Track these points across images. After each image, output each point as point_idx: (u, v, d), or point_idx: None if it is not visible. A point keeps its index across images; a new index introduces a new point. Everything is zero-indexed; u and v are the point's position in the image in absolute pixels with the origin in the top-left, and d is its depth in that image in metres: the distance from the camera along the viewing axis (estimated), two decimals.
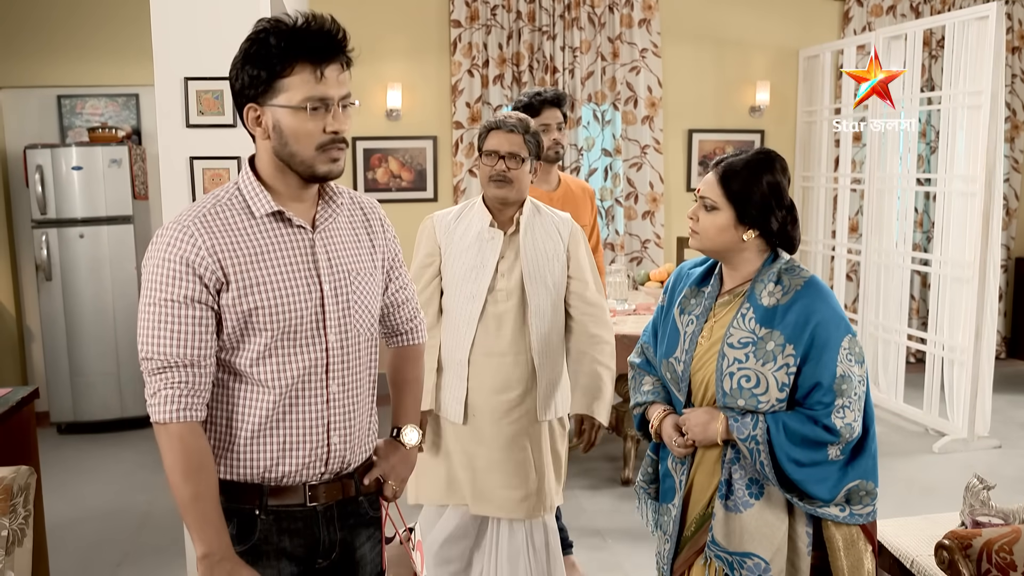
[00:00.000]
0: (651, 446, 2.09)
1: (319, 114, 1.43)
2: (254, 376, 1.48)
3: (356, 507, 1.63)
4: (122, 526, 3.82)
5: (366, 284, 1.60)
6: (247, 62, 1.44)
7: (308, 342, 1.50)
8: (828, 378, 1.76)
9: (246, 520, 1.51)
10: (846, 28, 6.04)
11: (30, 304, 5.36)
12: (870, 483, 1.82)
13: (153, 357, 1.42)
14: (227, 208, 1.48)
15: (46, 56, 5.22)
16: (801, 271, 1.87)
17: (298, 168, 1.47)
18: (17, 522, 2.28)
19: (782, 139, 6.14)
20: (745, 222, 1.84)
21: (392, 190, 5.66)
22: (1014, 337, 6.59)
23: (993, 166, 4.55)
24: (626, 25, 5.73)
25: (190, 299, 1.41)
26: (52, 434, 5.10)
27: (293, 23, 1.42)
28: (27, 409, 2.91)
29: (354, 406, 1.58)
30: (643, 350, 2.11)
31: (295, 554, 1.55)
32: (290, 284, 1.48)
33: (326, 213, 1.56)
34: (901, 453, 4.67)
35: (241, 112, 1.48)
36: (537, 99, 3.09)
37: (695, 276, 2.00)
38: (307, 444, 1.52)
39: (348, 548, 1.62)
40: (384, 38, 5.51)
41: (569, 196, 3.21)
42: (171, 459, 1.43)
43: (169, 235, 1.43)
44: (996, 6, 4.44)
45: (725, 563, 1.85)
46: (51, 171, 4.93)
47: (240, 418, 1.49)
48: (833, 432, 1.75)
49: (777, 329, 1.79)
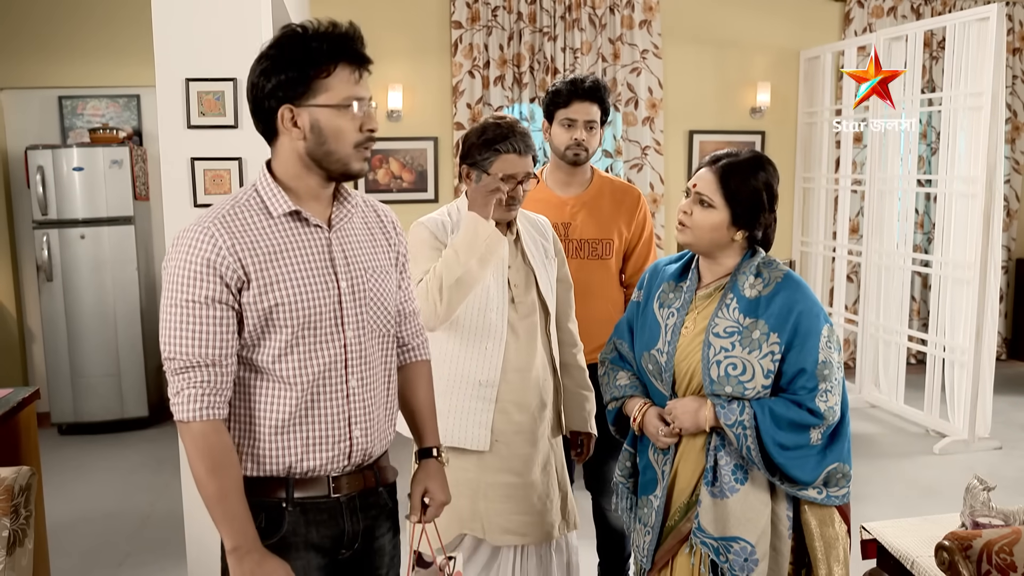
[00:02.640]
0: (628, 440, 2.12)
1: (357, 113, 1.50)
2: (276, 373, 1.51)
3: (376, 498, 1.67)
4: (123, 527, 3.82)
5: (382, 281, 1.64)
6: (282, 64, 1.47)
7: (327, 338, 1.55)
8: (811, 364, 1.82)
9: (274, 513, 1.55)
10: (847, 29, 6.04)
11: (31, 305, 5.37)
12: (845, 465, 1.89)
13: (176, 357, 1.46)
14: (245, 209, 1.52)
15: (47, 57, 5.23)
16: (778, 265, 1.94)
17: (333, 166, 1.52)
18: (18, 523, 2.28)
19: (783, 140, 6.14)
20: (738, 224, 1.89)
21: (393, 191, 5.67)
22: (1015, 338, 6.60)
23: (994, 167, 4.55)
24: (627, 26, 5.74)
25: (212, 299, 1.45)
26: (53, 435, 5.11)
27: (329, 27, 1.48)
28: (28, 410, 2.91)
29: (373, 399, 1.63)
30: (616, 346, 2.14)
31: (322, 545, 1.59)
32: (309, 281, 1.52)
33: (341, 213, 1.61)
34: (902, 454, 4.67)
35: (263, 114, 1.51)
36: (569, 88, 2.66)
37: (672, 272, 2.06)
38: (330, 439, 1.56)
39: (369, 538, 1.66)
40: (385, 39, 5.51)
41: (595, 204, 2.75)
42: (196, 456, 1.46)
43: (190, 238, 1.47)
44: (997, 7, 4.44)
45: (711, 549, 1.88)
46: (52, 172, 4.94)
47: (264, 415, 1.53)
48: (817, 415, 1.81)
49: (762, 319, 1.85)
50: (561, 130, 2.66)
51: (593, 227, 2.71)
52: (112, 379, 5.12)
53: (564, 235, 2.69)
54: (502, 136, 2.18)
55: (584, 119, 2.64)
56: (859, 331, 5.63)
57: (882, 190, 5.37)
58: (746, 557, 1.85)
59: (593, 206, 2.73)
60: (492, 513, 2.25)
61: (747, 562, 1.85)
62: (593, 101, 2.64)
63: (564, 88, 2.65)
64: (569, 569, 2.44)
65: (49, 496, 3.60)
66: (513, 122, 2.22)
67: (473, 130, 2.25)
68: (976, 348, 4.63)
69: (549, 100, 2.69)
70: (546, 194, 2.74)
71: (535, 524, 2.28)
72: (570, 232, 2.71)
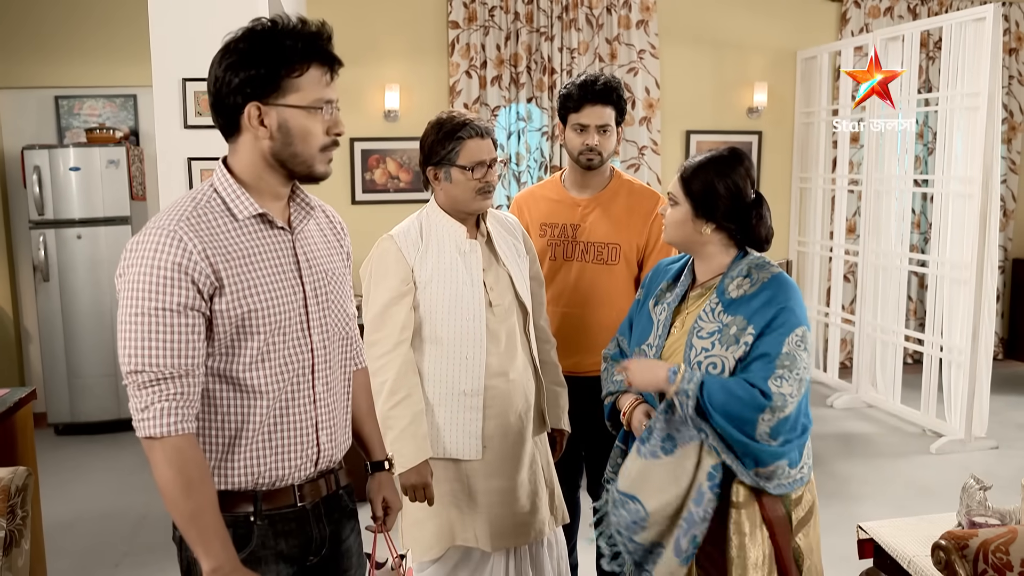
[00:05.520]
0: (619, 436, 2.13)
1: (325, 116, 1.46)
2: (249, 382, 1.46)
3: (339, 501, 1.66)
4: (119, 527, 3.81)
5: (340, 284, 1.63)
6: (251, 59, 1.41)
7: (296, 344, 1.51)
8: (775, 351, 1.81)
9: (243, 527, 1.50)
10: (843, 29, 6.04)
11: (27, 305, 5.36)
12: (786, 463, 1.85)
13: (144, 370, 1.36)
14: (208, 210, 1.45)
15: (44, 57, 5.22)
16: (770, 266, 1.94)
17: (298, 168, 1.47)
18: (15, 523, 2.28)
19: (780, 140, 6.15)
20: (701, 215, 1.93)
21: (390, 191, 5.66)
22: (1011, 338, 6.61)
23: (990, 167, 4.56)
24: (624, 26, 5.74)
25: (185, 307, 1.37)
26: (49, 435, 5.10)
27: (299, 25, 1.43)
28: (24, 410, 2.91)
29: (336, 404, 1.61)
30: (619, 343, 2.19)
31: (291, 555, 1.56)
32: (277, 285, 1.48)
33: (300, 214, 1.57)
34: (898, 454, 4.68)
35: (225, 110, 1.44)
36: (580, 92, 2.51)
37: (672, 272, 2.09)
38: (299, 446, 1.53)
39: (336, 542, 1.65)
40: (382, 39, 5.51)
41: (608, 207, 2.61)
42: (169, 474, 1.37)
43: (155, 240, 1.37)
44: (993, 8, 4.45)
45: (613, 498, 1.93)
46: (49, 172, 4.93)
47: (232, 427, 1.47)
48: (767, 396, 1.77)
49: (740, 314, 1.87)
50: (574, 135, 2.55)
51: (602, 230, 2.59)
52: (109, 379, 5.11)
53: (572, 237, 2.60)
54: (460, 124, 2.15)
55: (596, 123, 2.51)
56: (856, 331, 5.64)
57: (879, 190, 5.38)
58: (634, 519, 1.89)
59: (605, 209, 2.61)
60: (485, 520, 2.23)
61: (634, 524, 1.89)
62: (606, 104, 2.51)
63: (575, 91, 2.52)
64: (559, 564, 2.45)
65: (46, 497, 3.59)
66: (463, 112, 2.21)
67: (427, 132, 2.21)
68: (973, 348, 4.64)
69: (560, 104, 2.58)
70: (562, 195, 2.67)
71: (528, 524, 2.28)
72: (578, 234, 2.61)
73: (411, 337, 2.19)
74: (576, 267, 2.60)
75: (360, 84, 5.38)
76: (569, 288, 2.61)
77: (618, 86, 2.56)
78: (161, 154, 3.01)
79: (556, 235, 2.63)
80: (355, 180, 5.61)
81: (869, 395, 5.54)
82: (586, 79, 2.53)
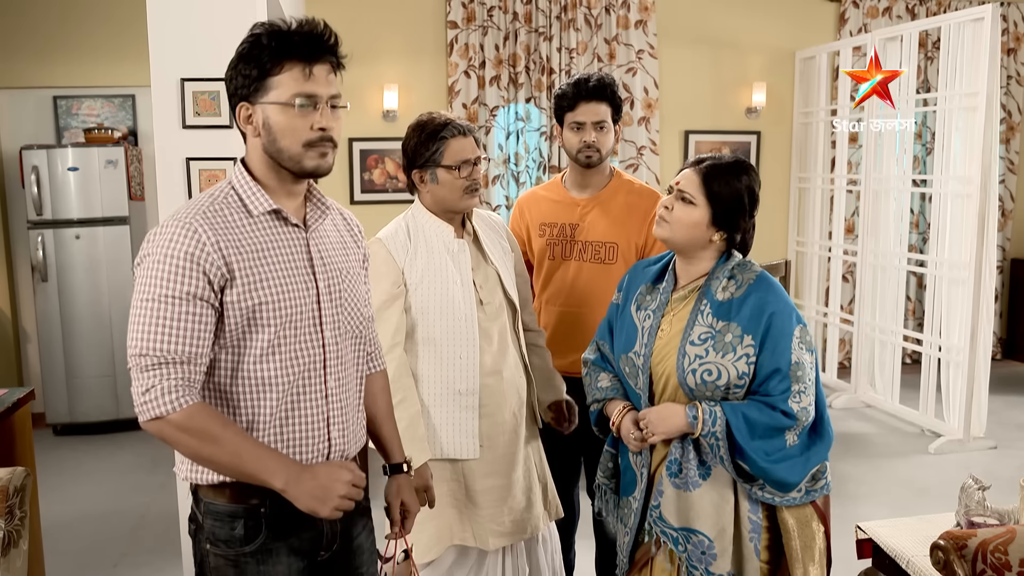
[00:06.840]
0: (608, 441, 2.13)
1: (307, 111, 1.48)
2: (259, 375, 1.49)
3: None
4: (118, 527, 3.81)
5: (354, 283, 1.66)
6: (241, 62, 1.49)
7: (307, 339, 1.54)
8: (785, 365, 1.83)
9: (253, 519, 1.52)
10: (842, 29, 6.05)
11: (26, 305, 5.35)
12: (824, 463, 1.91)
13: (148, 353, 1.40)
14: (224, 206, 1.50)
15: (42, 57, 5.22)
16: (752, 266, 1.94)
17: (286, 164, 1.51)
18: (13, 523, 2.27)
19: (778, 140, 6.15)
20: (717, 224, 1.90)
21: (388, 191, 5.66)
22: (1010, 338, 6.61)
23: (989, 167, 4.56)
24: (622, 27, 5.74)
25: (193, 295, 1.41)
26: (48, 435, 5.10)
27: (287, 26, 1.47)
28: (23, 410, 2.91)
29: (349, 400, 1.63)
30: (599, 347, 2.15)
31: (301, 548, 1.58)
32: (290, 280, 1.52)
33: (315, 213, 1.61)
34: (897, 454, 4.68)
35: (232, 111, 1.54)
36: (574, 91, 2.53)
37: (651, 274, 2.06)
38: (310, 440, 1.55)
39: (347, 538, 1.66)
40: (381, 39, 5.51)
41: (607, 206, 2.60)
42: (193, 442, 1.40)
43: (171, 231, 1.43)
44: (991, 8, 4.45)
45: (670, 539, 1.91)
46: (47, 172, 4.93)
47: (246, 421, 1.50)
48: (791, 416, 1.82)
49: (734, 321, 1.86)
50: (571, 134, 2.56)
51: (600, 230, 2.59)
52: (107, 379, 5.11)
53: (571, 236, 2.61)
54: (441, 124, 2.18)
55: (593, 120, 2.53)
56: (854, 331, 5.64)
57: (877, 190, 5.38)
58: (703, 550, 1.88)
59: (604, 208, 2.61)
60: (482, 519, 2.24)
61: (705, 555, 1.88)
62: (600, 100, 2.54)
63: (569, 90, 2.55)
64: (554, 558, 2.46)
65: (44, 497, 3.59)
66: (442, 112, 2.23)
67: (409, 135, 2.23)
68: (971, 348, 4.64)
69: (556, 104, 2.60)
70: (562, 195, 2.67)
71: (524, 521, 2.29)
72: (577, 233, 2.61)
73: (404, 340, 2.20)
74: (574, 266, 2.60)
75: (359, 84, 5.38)
76: (567, 287, 2.61)
77: (612, 83, 2.58)
78: (159, 154, 3.01)
79: (555, 234, 2.63)
80: (353, 180, 5.61)
81: (868, 395, 5.54)
82: (580, 78, 2.55)
